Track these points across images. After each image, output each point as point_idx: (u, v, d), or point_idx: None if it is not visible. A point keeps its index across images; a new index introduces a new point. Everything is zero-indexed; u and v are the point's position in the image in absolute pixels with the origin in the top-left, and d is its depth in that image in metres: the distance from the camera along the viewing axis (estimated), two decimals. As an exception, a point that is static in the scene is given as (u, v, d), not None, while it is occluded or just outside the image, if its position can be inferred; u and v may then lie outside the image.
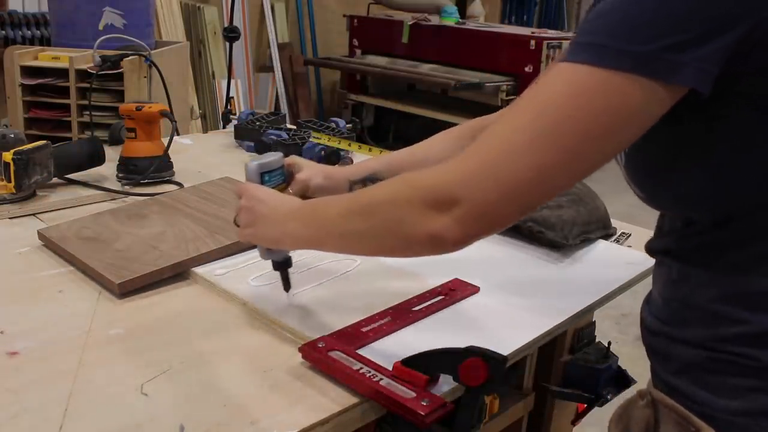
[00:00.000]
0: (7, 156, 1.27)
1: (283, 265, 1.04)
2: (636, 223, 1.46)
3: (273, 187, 1.06)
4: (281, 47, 5.30)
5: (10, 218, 1.34)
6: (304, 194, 1.14)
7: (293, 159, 1.16)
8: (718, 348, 0.78)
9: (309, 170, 1.14)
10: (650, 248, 0.91)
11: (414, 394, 0.82)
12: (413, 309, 1.04)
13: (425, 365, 0.85)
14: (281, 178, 1.08)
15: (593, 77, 0.67)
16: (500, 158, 0.71)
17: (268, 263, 1.17)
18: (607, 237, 1.39)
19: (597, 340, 1.30)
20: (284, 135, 1.81)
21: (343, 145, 1.81)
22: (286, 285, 1.05)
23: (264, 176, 1.05)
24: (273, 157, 1.07)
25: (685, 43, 0.65)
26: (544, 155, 0.69)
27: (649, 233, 0.93)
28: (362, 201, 0.83)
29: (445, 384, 0.87)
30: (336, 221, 0.84)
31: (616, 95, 0.67)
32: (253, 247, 1.23)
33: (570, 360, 1.23)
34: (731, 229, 0.77)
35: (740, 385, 0.77)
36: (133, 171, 1.58)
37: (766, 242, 0.74)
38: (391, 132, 5.35)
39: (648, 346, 0.90)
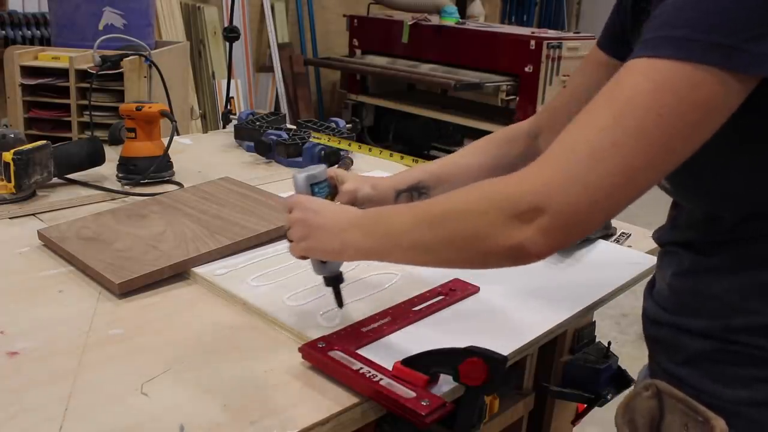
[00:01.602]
0: (7, 156, 1.27)
1: (335, 281, 1.00)
2: (636, 223, 1.46)
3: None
4: (281, 47, 5.30)
5: (10, 218, 1.34)
6: (352, 205, 1.10)
7: (336, 171, 1.12)
8: (730, 338, 0.78)
9: (355, 181, 1.10)
10: (660, 238, 0.90)
11: (414, 394, 0.82)
12: (413, 309, 1.05)
13: (425, 365, 0.85)
14: (328, 189, 1.05)
15: (678, 71, 0.66)
16: (586, 162, 0.68)
17: (268, 263, 1.17)
18: (607, 237, 1.39)
19: (597, 340, 1.30)
20: (284, 135, 1.82)
21: (343, 145, 1.81)
22: (339, 301, 1.01)
23: (313, 188, 1.02)
24: (318, 169, 1.03)
25: (765, 35, 0.65)
26: (632, 156, 0.67)
27: (649, 233, 0.93)
28: (434, 211, 0.80)
29: (445, 384, 0.87)
30: (404, 231, 0.81)
31: (701, 89, 0.66)
32: (253, 246, 1.23)
33: (570, 360, 1.23)
34: (755, 225, 0.77)
35: (749, 376, 0.77)
36: (133, 171, 1.58)
37: None
38: (391, 132, 5.35)
39: (650, 336, 0.90)
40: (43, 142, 1.43)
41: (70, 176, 1.55)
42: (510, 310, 1.08)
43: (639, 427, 0.84)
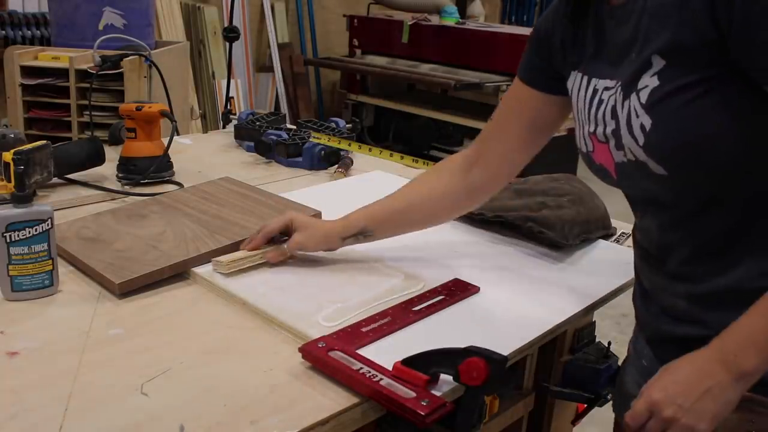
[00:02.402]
0: (7, 156, 1.27)
1: None
2: (636, 223, 1.46)
3: None
4: (281, 47, 5.30)
5: (10, 218, 1.34)
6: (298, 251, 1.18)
7: (292, 218, 1.18)
8: None
9: (306, 232, 1.16)
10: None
11: (414, 394, 0.82)
12: (413, 309, 1.04)
13: (425, 365, 0.85)
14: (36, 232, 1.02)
15: None
16: None
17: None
18: (607, 237, 1.39)
19: (597, 340, 1.30)
20: (284, 135, 1.82)
21: (343, 145, 1.81)
22: None
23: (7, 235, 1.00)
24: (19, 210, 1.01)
25: None
26: None
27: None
28: None
29: (445, 384, 0.87)
30: None
31: None
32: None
33: (570, 360, 1.23)
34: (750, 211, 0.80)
35: None
36: (133, 171, 1.58)
37: None
38: (391, 132, 5.35)
39: (681, 337, 0.90)
40: (43, 142, 1.42)
41: (70, 176, 1.55)
42: (510, 310, 1.08)
43: None
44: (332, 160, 1.79)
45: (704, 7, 0.76)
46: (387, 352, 0.91)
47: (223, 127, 2.35)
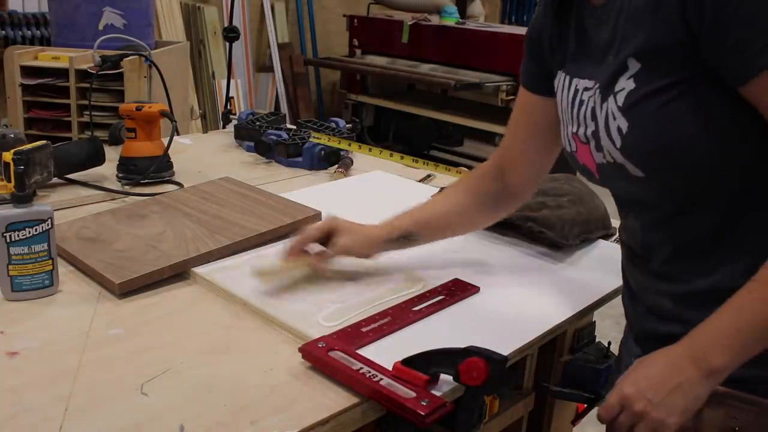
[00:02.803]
0: (7, 156, 1.27)
1: None
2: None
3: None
4: (281, 47, 5.30)
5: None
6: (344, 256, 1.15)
7: (332, 224, 1.14)
8: None
9: (348, 235, 1.13)
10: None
11: (414, 394, 0.82)
12: (413, 309, 1.04)
13: (425, 365, 0.85)
14: (35, 232, 1.02)
15: None
16: None
17: (265, 263, 1.17)
18: (607, 237, 1.39)
19: (597, 340, 1.30)
20: (284, 135, 1.82)
21: (343, 145, 1.81)
22: None
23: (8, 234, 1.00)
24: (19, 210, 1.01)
25: None
26: None
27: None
28: None
29: (445, 384, 0.87)
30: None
31: None
32: (252, 246, 1.23)
33: (570, 360, 1.23)
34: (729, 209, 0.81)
35: None
36: (133, 171, 1.58)
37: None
38: (391, 132, 5.35)
39: (666, 335, 0.89)
40: (43, 142, 1.42)
41: (70, 176, 1.55)
42: (510, 310, 1.08)
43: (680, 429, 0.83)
44: (332, 160, 1.79)
45: (676, 9, 0.76)
46: (387, 352, 0.91)
47: (223, 127, 2.35)
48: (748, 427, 0.81)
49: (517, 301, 1.11)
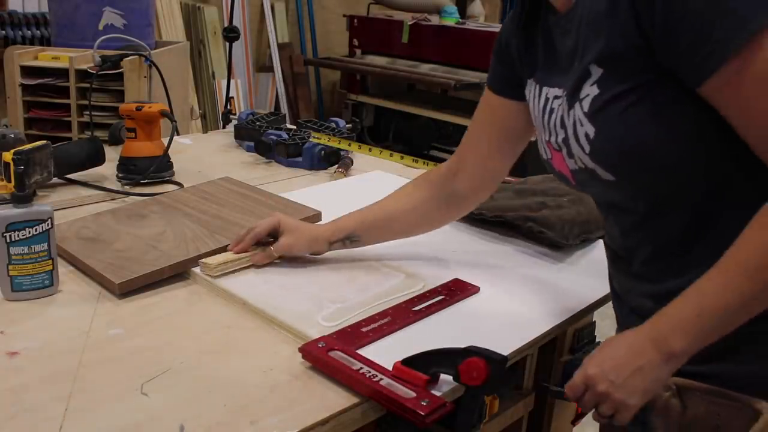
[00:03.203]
0: (7, 156, 1.27)
1: None
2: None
3: None
4: (281, 47, 5.30)
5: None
6: (284, 254, 1.18)
7: (281, 220, 1.17)
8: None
9: (291, 235, 1.16)
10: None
11: (414, 394, 0.82)
12: (413, 309, 1.04)
13: (425, 365, 0.85)
14: (35, 232, 1.02)
15: None
16: None
17: (268, 263, 1.17)
18: (607, 237, 1.39)
19: (597, 340, 1.30)
20: (284, 135, 1.82)
21: (343, 145, 1.81)
22: None
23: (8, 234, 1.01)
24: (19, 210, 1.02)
25: None
26: None
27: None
28: (749, 265, 0.77)
29: (445, 384, 0.87)
30: (745, 302, 0.77)
31: None
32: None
33: (570, 360, 1.23)
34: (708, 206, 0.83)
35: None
36: (133, 171, 1.58)
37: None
38: (391, 132, 5.34)
39: None
40: (43, 142, 1.42)
41: (70, 176, 1.55)
42: (510, 310, 1.08)
43: (665, 427, 0.85)
44: (332, 160, 1.79)
45: (630, 15, 0.78)
46: (387, 352, 0.91)
47: (223, 127, 2.35)
48: (730, 423, 0.82)
49: (517, 301, 1.11)
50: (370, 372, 0.85)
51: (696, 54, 0.74)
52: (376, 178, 1.72)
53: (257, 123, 1.94)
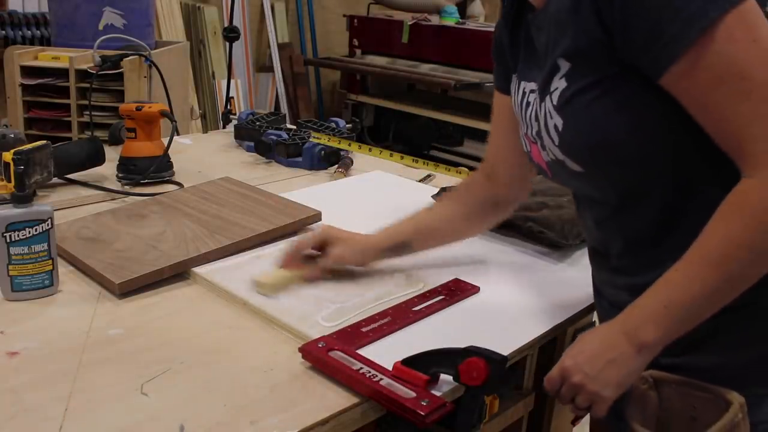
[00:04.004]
0: (7, 156, 1.27)
1: None
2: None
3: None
4: (281, 47, 5.30)
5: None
6: (337, 266, 1.15)
7: (328, 233, 1.15)
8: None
9: (343, 245, 1.14)
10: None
11: (414, 394, 0.82)
12: (413, 309, 1.05)
13: (425, 365, 0.85)
14: (36, 232, 1.02)
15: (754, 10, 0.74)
16: None
17: (268, 263, 1.17)
18: (607, 237, 1.39)
19: (597, 340, 1.29)
20: (284, 135, 1.82)
21: (343, 145, 1.81)
22: None
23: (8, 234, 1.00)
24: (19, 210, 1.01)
25: None
26: None
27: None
28: (711, 259, 0.78)
29: (445, 384, 0.87)
30: (709, 293, 0.79)
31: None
32: (252, 246, 1.23)
33: (570, 360, 1.23)
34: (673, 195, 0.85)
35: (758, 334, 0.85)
36: (133, 171, 1.58)
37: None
38: (391, 132, 5.34)
39: None
40: (43, 142, 1.42)
41: (70, 176, 1.55)
42: (510, 310, 1.08)
43: (642, 418, 0.86)
44: (332, 160, 1.79)
45: (591, 11, 0.80)
46: (387, 352, 0.91)
47: (223, 127, 2.35)
48: (704, 414, 0.84)
49: (517, 301, 1.11)
50: (370, 372, 0.85)
51: (652, 49, 0.77)
52: (376, 178, 1.72)
53: (257, 123, 1.94)
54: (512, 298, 1.12)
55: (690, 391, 0.85)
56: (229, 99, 3.51)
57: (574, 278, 1.21)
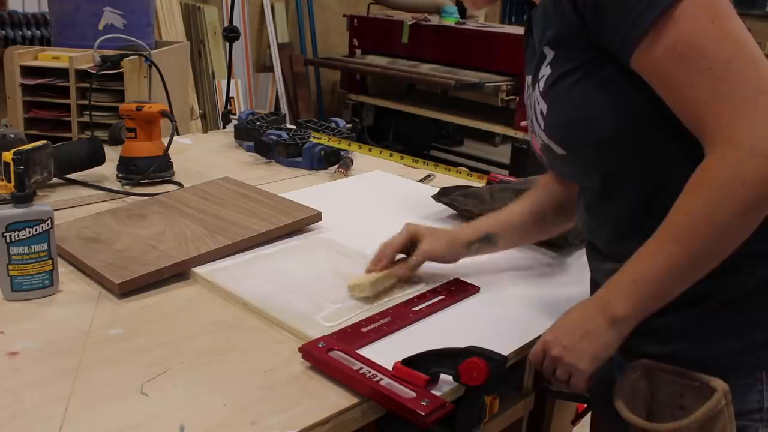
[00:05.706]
0: (7, 156, 1.27)
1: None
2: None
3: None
4: (281, 47, 5.30)
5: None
6: (425, 261, 1.15)
7: (415, 229, 1.15)
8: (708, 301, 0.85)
9: (430, 239, 1.14)
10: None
11: (414, 394, 0.82)
12: (413, 309, 1.05)
13: (425, 365, 0.85)
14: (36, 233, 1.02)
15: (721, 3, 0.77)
16: (755, 98, 0.75)
17: (268, 263, 1.17)
18: (607, 237, 1.39)
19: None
20: (284, 135, 1.82)
21: (343, 145, 1.81)
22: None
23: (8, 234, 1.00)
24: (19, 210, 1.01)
25: None
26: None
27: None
28: (680, 232, 0.79)
29: (445, 384, 0.87)
30: (674, 267, 0.80)
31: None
32: (252, 246, 1.23)
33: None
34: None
35: (741, 324, 0.86)
36: (133, 171, 1.58)
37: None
38: (391, 132, 5.35)
39: None
40: (43, 142, 1.42)
41: (70, 176, 1.55)
42: (510, 310, 1.08)
43: (633, 407, 0.88)
44: (332, 160, 1.79)
45: (570, 2, 0.85)
46: (387, 352, 0.91)
47: (223, 127, 2.35)
48: (693, 402, 0.85)
49: (517, 301, 1.11)
50: (370, 372, 0.85)
51: (619, 31, 0.80)
52: (376, 178, 1.72)
53: (257, 123, 1.94)
54: (512, 298, 1.12)
55: (679, 380, 0.86)
56: (229, 99, 3.51)
57: (574, 278, 1.21)
